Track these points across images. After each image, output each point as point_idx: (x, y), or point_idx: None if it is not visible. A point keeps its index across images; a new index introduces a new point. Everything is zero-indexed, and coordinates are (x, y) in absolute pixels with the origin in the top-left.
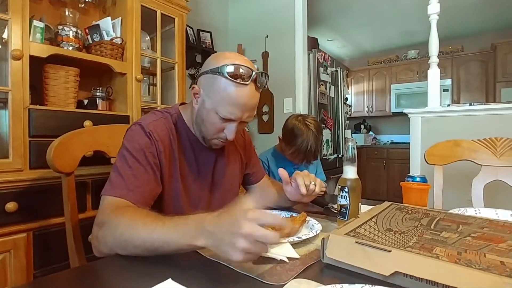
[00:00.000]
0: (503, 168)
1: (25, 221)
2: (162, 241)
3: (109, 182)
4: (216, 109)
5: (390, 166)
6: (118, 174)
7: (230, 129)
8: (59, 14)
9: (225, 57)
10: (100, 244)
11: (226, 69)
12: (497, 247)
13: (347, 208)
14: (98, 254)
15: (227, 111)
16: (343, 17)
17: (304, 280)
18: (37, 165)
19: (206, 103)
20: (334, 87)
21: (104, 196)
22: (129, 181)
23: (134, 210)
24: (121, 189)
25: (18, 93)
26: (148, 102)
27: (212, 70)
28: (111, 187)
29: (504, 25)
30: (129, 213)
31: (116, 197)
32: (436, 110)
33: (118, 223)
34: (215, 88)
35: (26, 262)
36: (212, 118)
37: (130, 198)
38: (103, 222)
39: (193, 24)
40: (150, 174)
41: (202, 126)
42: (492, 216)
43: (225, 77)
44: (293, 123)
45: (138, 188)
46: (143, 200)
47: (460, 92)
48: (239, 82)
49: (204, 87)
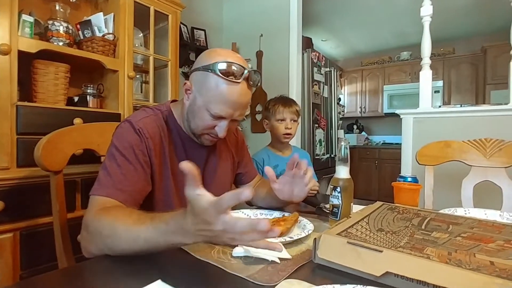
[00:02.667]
0: (492, 169)
1: (12, 221)
2: (150, 242)
3: (98, 181)
4: (207, 106)
5: (382, 166)
6: (107, 173)
7: (221, 127)
8: (49, 8)
9: (217, 53)
10: (88, 245)
11: (218, 66)
12: (487, 247)
13: (339, 208)
14: (87, 254)
15: (218, 108)
16: (338, 17)
17: (296, 281)
18: (25, 163)
19: (197, 99)
20: (327, 87)
21: (93, 196)
22: (118, 180)
23: (118, 210)
24: (109, 188)
25: (5, 89)
26: (140, 100)
27: (204, 66)
28: (99, 187)
29: (494, 29)
30: (112, 214)
31: (104, 197)
32: (427, 111)
33: (102, 224)
34: (206, 85)
35: (12, 262)
36: (203, 115)
37: (118, 197)
38: (89, 223)
39: (187, 21)
40: (139, 172)
41: (193, 122)
42: (481, 216)
43: (217, 74)
44: None
45: (126, 187)
46: (132, 199)
47: (451, 93)
48: (231, 80)
49: (196, 83)
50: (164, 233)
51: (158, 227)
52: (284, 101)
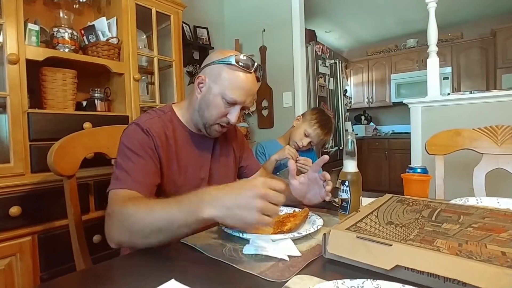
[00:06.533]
0: (504, 156)
1: (30, 225)
2: (171, 219)
3: (115, 177)
4: (223, 94)
5: (392, 157)
6: (122, 169)
7: (233, 113)
8: (53, 16)
9: (229, 51)
10: (112, 231)
11: (234, 58)
12: (498, 237)
13: (348, 202)
14: (112, 243)
15: (235, 93)
16: (340, 7)
17: (306, 276)
18: (39, 169)
19: (213, 89)
20: (333, 80)
21: (112, 191)
22: (133, 174)
23: (139, 198)
24: (128, 182)
25: (16, 98)
26: (147, 101)
27: (219, 60)
28: (117, 181)
29: (503, 10)
30: (138, 200)
31: (125, 189)
32: (436, 99)
33: (127, 209)
34: (223, 75)
35: (32, 265)
36: (218, 102)
37: (137, 189)
38: (113, 212)
39: (189, 20)
40: (151, 166)
41: (207, 111)
42: (493, 205)
43: (234, 65)
44: None
45: (143, 179)
46: (149, 191)
47: (461, 79)
48: (245, 70)
49: (211, 75)
50: (186, 205)
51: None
52: (325, 126)
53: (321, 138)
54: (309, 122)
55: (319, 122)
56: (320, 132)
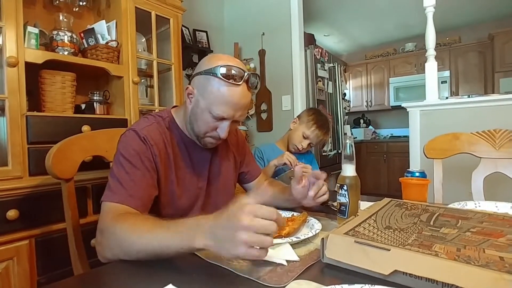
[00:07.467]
0: (502, 160)
1: (27, 228)
2: (163, 246)
3: (108, 188)
4: (209, 108)
5: (391, 160)
6: (116, 180)
7: (222, 128)
8: (53, 19)
9: (218, 58)
10: (104, 250)
11: (220, 70)
12: (497, 241)
13: (346, 206)
14: (103, 259)
15: (220, 110)
16: (339, 11)
17: (304, 281)
18: (37, 172)
19: (200, 102)
20: (332, 83)
21: (104, 203)
22: (128, 186)
23: (134, 216)
24: (121, 195)
25: (15, 100)
26: (146, 104)
27: (206, 71)
28: (110, 193)
29: (501, 15)
30: (129, 220)
31: (116, 203)
32: (434, 103)
33: (119, 230)
34: (208, 88)
35: (29, 269)
36: (206, 117)
37: (130, 203)
38: (104, 229)
39: (189, 24)
40: (147, 178)
41: (196, 125)
42: (492, 209)
43: (219, 77)
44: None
45: (137, 193)
46: (142, 205)
47: (459, 83)
48: (231, 83)
49: (198, 87)
50: (178, 233)
51: (172, 229)
52: (323, 126)
53: (320, 138)
54: (307, 124)
55: (316, 123)
56: (319, 133)
